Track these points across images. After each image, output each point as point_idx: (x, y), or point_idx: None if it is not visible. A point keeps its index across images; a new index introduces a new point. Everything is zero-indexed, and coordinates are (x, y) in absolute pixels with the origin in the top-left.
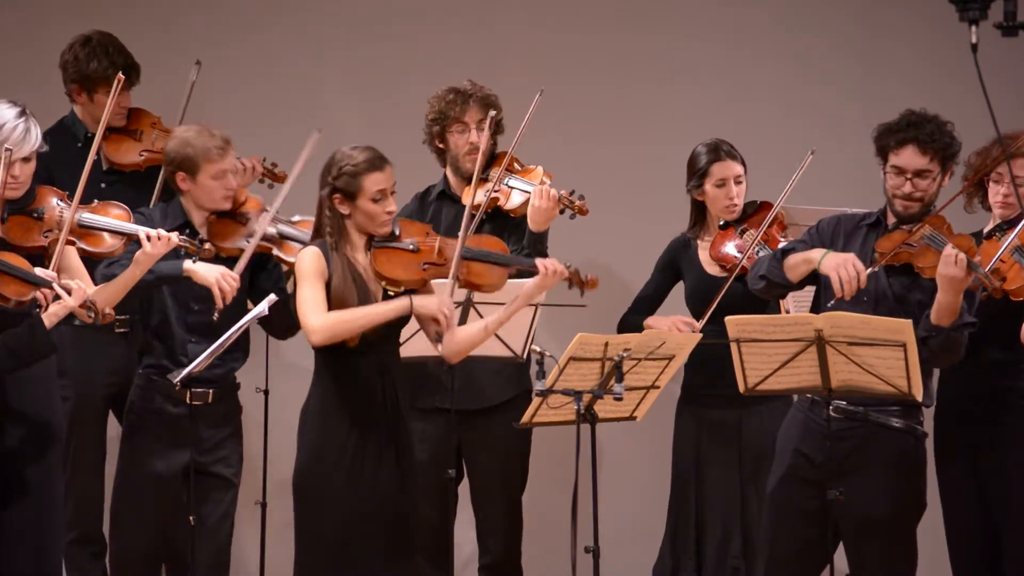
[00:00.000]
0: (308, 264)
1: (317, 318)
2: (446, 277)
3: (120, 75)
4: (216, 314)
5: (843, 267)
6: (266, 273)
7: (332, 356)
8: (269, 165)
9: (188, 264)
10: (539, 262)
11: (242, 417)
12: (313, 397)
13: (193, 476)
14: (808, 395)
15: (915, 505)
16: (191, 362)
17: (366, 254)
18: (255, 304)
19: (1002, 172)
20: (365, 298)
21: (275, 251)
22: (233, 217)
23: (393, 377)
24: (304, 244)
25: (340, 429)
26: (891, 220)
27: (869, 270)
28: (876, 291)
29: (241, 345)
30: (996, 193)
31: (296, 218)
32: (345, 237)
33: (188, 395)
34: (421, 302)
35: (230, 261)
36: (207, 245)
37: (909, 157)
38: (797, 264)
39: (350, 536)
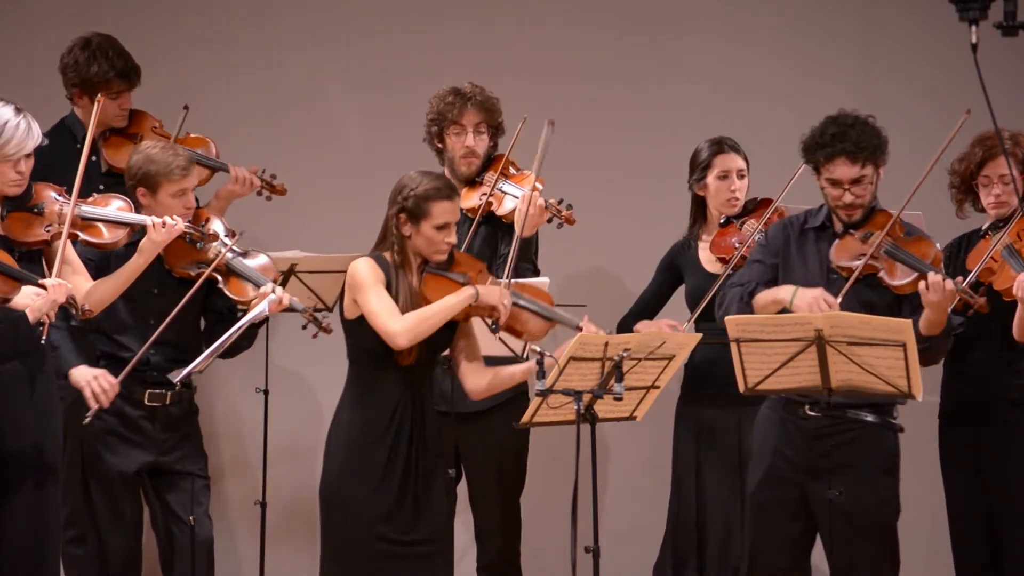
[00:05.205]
0: (369, 272)
1: (398, 322)
2: (487, 317)
3: (100, 96)
4: (88, 418)
5: (815, 306)
6: (217, 292)
7: (371, 371)
8: (268, 177)
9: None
10: (584, 324)
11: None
12: (344, 411)
13: (148, 475)
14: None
15: (896, 501)
16: (135, 354)
17: (418, 276)
18: (208, 321)
19: (989, 175)
20: None
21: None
22: (191, 241)
23: (424, 395)
24: (252, 282)
25: (372, 446)
26: (838, 225)
27: (839, 298)
28: (842, 307)
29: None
30: (988, 195)
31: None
32: (405, 257)
33: (146, 396)
34: (485, 290)
35: (187, 282)
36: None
37: (842, 169)
38: (766, 305)
39: (374, 551)
